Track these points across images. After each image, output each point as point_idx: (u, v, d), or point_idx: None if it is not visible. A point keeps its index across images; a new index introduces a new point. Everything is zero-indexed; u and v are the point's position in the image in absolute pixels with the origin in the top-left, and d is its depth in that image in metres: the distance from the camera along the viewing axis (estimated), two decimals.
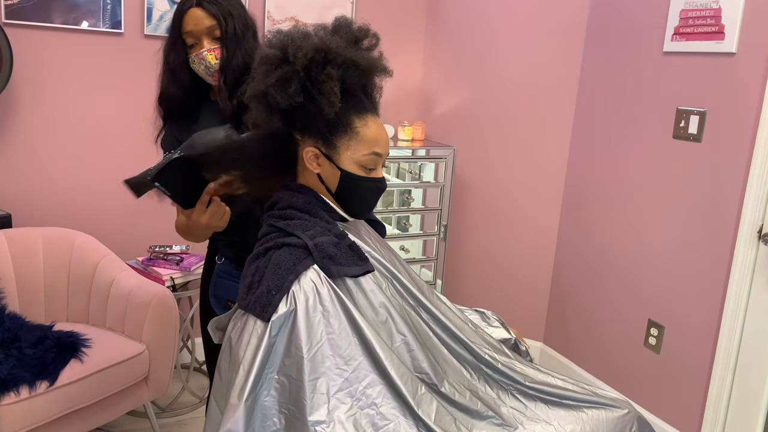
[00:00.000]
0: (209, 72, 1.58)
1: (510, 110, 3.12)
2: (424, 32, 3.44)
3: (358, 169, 1.27)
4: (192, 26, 1.56)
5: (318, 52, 1.21)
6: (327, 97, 1.19)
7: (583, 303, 3.01)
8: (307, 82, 1.20)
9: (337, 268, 1.18)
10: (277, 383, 1.11)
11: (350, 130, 1.24)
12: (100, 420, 2.22)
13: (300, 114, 1.24)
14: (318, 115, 1.22)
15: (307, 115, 1.24)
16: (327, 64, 1.21)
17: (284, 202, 1.28)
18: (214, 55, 1.56)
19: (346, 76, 1.24)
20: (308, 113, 1.23)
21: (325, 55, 1.21)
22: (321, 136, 1.25)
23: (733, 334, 2.33)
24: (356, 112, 1.25)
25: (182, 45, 1.59)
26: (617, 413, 1.30)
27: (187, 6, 1.56)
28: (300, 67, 1.20)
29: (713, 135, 2.37)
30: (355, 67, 1.24)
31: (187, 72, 1.61)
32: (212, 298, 1.71)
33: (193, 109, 1.66)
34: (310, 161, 1.27)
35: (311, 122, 1.24)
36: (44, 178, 2.70)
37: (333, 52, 1.22)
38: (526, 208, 3.17)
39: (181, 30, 1.58)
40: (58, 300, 2.48)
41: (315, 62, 1.20)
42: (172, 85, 1.62)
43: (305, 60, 1.20)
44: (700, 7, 2.39)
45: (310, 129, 1.25)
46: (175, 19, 1.59)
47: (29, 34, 2.57)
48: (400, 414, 1.12)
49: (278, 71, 1.21)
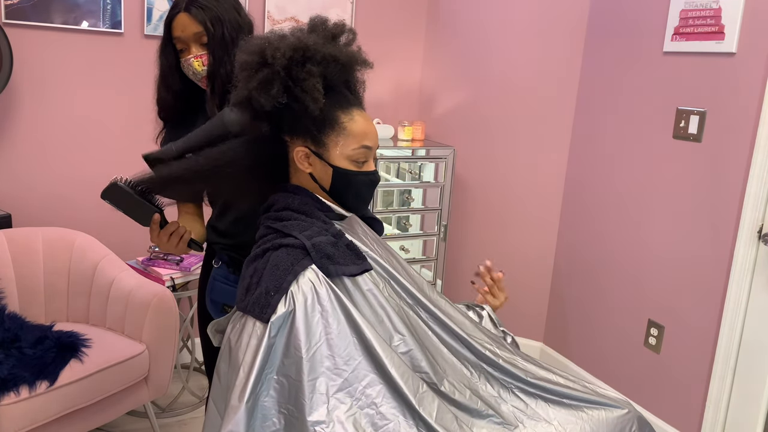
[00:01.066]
0: (197, 78, 1.57)
1: (510, 110, 3.12)
2: (424, 32, 3.44)
3: (350, 164, 1.27)
4: (179, 32, 1.55)
5: (296, 50, 1.21)
6: (310, 94, 1.19)
7: (583, 303, 3.01)
8: (289, 82, 1.20)
9: (336, 268, 1.18)
10: (276, 383, 1.11)
11: (337, 126, 1.25)
12: (100, 420, 2.22)
13: (286, 115, 1.24)
14: (303, 113, 1.22)
15: (293, 116, 1.24)
16: (306, 62, 1.21)
17: (280, 203, 1.28)
18: (200, 62, 1.55)
19: (327, 72, 1.24)
20: (294, 113, 1.23)
21: (304, 53, 1.21)
22: (309, 134, 1.25)
23: (733, 334, 2.33)
24: (341, 107, 1.25)
25: (172, 49, 1.58)
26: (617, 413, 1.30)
27: (175, 11, 1.55)
28: (280, 67, 1.19)
29: (713, 135, 2.37)
30: (335, 62, 1.24)
31: (177, 76, 1.59)
32: (209, 302, 1.70)
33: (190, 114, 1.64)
34: (301, 161, 1.27)
35: (298, 122, 1.25)
36: (44, 178, 2.70)
37: (311, 49, 1.22)
38: (526, 208, 3.17)
39: (171, 34, 1.57)
40: (58, 300, 2.48)
41: (294, 61, 1.20)
42: (163, 89, 1.61)
43: (284, 60, 1.20)
44: (700, 7, 2.39)
45: (297, 129, 1.26)
46: (165, 23, 1.58)
47: (29, 34, 2.57)
48: (399, 414, 1.12)
49: (259, 74, 1.21)
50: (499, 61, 3.12)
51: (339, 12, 3.15)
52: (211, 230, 1.70)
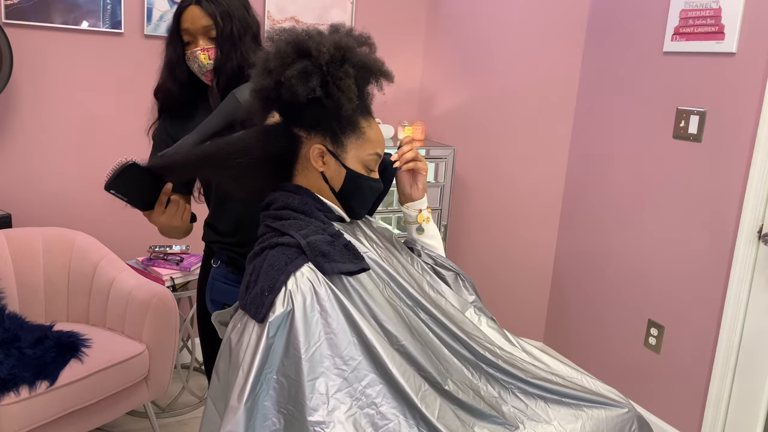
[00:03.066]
0: (202, 71, 1.58)
1: (510, 110, 3.12)
2: (424, 32, 3.44)
3: (362, 169, 1.29)
4: (189, 24, 1.55)
5: (338, 49, 1.22)
6: (346, 93, 1.21)
7: (583, 303, 3.01)
8: (328, 77, 1.21)
9: (331, 265, 1.17)
10: (276, 383, 1.11)
11: (358, 130, 1.27)
12: (100, 420, 2.22)
13: (311, 110, 1.24)
14: (334, 111, 1.23)
15: (318, 112, 1.24)
16: (345, 62, 1.23)
17: (280, 202, 1.28)
18: (207, 55, 1.55)
19: (358, 77, 1.25)
20: (322, 109, 1.23)
21: (344, 53, 1.23)
22: (330, 133, 1.26)
23: (733, 334, 2.33)
24: (362, 113, 1.28)
25: (180, 41, 1.58)
26: (617, 412, 1.30)
27: (186, 3, 1.56)
28: (324, 61, 1.21)
29: (713, 135, 2.37)
30: (366, 69, 1.27)
31: (183, 68, 1.60)
32: (209, 302, 1.70)
33: (190, 106, 1.64)
34: (315, 159, 1.27)
35: (322, 119, 1.25)
36: (44, 178, 2.70)
37: (351, 51, 1.24)
38: (526, 207, 3.17)
39: (180, 26, 1.57)
40: (58, 300, 2.48)
41: (335, 59, 1.22)
42: (169, 79, 1.61)
43: (327, 55, 1.21)
44: (700, 7, 2.39)
45: (319, 126, 1.26)
46: (175, 15, 1.58)
47: (29, 34, 2.57)
48: (400, 413, 1.12)
49: (298, 64, 1.21)
50: (499, 61, 3.12)
51: (339, 12, 3.15)
52: (209, 229, 1.70)
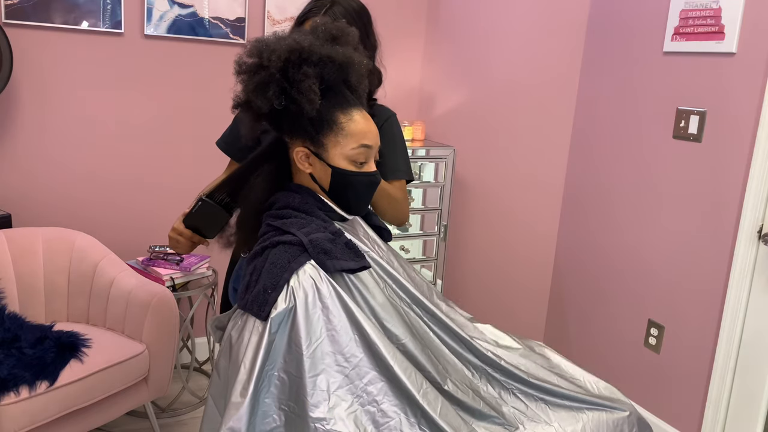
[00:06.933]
0: None
1: (510, 110, 3.13)
2: (424, 32, 3.44)
3: (349, 164, 1.28)
4: None
5: (292, 52, 1.22)
6: (306, 95, 1.20)
7: (583, 303, 3.01)
8: (285, 84, 1.21)
9: (333, 262, 1.18)
10: (277, 380, 1.11)
11: (335, 126, 1.26)
12: (100, 420, 2.22)
13: (285, 116, 1.26)
14: (301, 114, 1.23)
15: (291, 117, 1.25)
16: (303, 63, 1.22)
17: (282, 202, 1.29)
18: None
19: (324, 73, 1.24)
20: (292, 114, 1.24)
21: (300, 55, 1.22)
22: (308, 135, 1.26)
23: (733, 334, 2.33)
24: (340, 107, 1.26)
25: None
26: (618, 415, 1.30)
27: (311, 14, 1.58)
28: (275, 69, 1.21)
29: (713, 135, 2.37)
30: (332, 62, 1.25)
31: None
32: (231, 290, 1.75)
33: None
34: (301, 161, 1.29)
35: (296, 123, 1.26)
36: (44, 178, 2.70)
37: (307, 50, 1.23)
38: (526, 207, 3.17)
39: None
40: (58, 300, 2.48)
41: (290, 63, 1.21)
42: None
43: (279, 62, 1.21)
44: (700, 7, 2.39)
45: (296, 130, 1.27)
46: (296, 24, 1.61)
47: (29, 34, 2.57)
48: (401, 411, 1.12)
49: (256, 77, 1.22)
50: (499, 61, 3.12)
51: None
52: None
